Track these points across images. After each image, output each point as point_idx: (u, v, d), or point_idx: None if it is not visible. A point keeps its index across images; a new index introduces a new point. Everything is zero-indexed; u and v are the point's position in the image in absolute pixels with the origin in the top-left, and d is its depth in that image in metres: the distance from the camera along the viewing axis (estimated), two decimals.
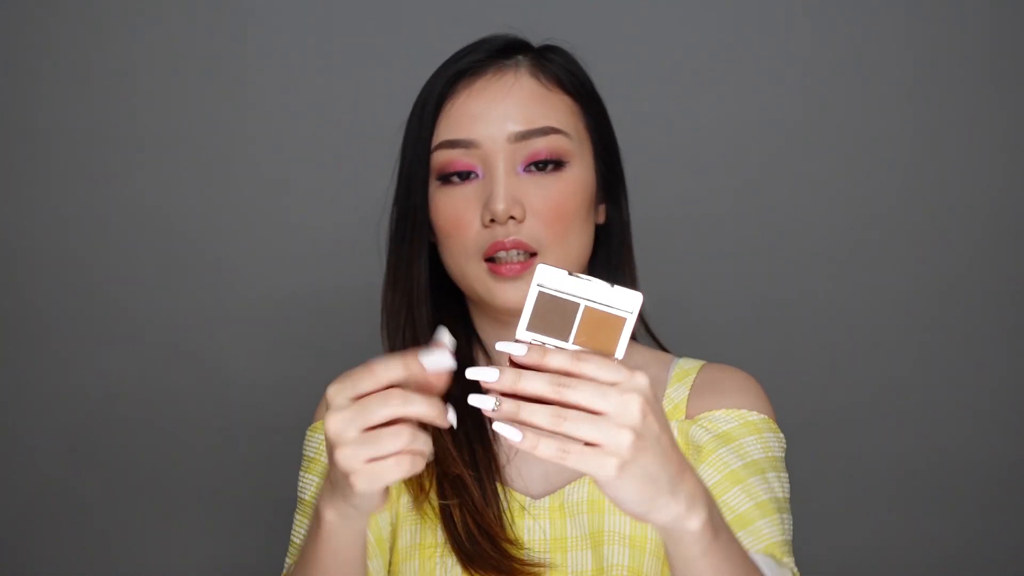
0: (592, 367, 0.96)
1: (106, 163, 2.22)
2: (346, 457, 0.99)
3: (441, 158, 1.32)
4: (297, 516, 1.39)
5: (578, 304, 0.99)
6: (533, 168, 1.30)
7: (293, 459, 1.48)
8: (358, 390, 0.99)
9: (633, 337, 1.43)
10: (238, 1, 2.21)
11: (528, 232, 1.29)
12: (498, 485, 1.34)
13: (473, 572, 1.30)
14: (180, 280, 2.23)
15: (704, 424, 1.36)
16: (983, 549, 2.25)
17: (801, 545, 1.38)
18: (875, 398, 2.24)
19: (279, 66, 2.21)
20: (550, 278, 0.99)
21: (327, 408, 1.00)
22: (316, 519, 1.10)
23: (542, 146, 1.30)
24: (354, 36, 2.20)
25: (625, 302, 0.99)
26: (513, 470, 1.36)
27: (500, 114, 1.30)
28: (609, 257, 1.41)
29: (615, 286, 1.00)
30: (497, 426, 0.97)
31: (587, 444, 0.96)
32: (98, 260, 2.23)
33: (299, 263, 2.22)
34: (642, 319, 1.44)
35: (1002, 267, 2.22)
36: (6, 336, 2.25)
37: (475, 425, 1.36)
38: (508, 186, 1.29)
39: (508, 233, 1.29)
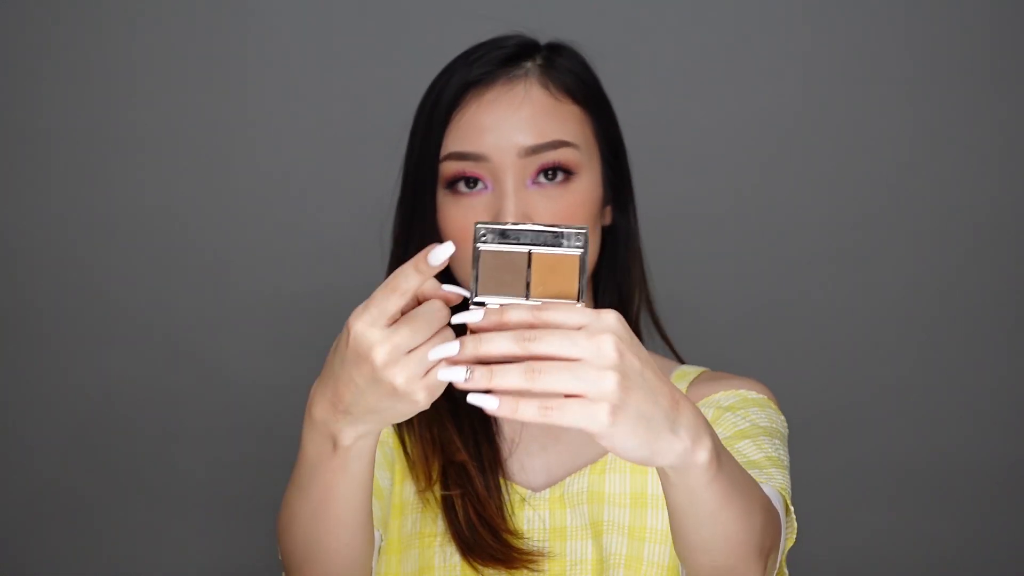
0: (554, 314, 0.92)
1: (106, 163, 2.22)
2: (407, 380, 0.95)
3: (450, 169, 1.31)
4: None
5: (525, 253, 0.95)
6: (542, 178, 1.30)
7: (293, 459, 1.48)
8: (390, 314, 0.96)
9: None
10: (238, 1, 2.20)
11: None
12: (500, 479, 1.35)
13: (472, 561, 1.31)
14: (180, 280, 2.23)
15: (705, 404, 1.37)
16: (983, 549, 2.25)
17: (801, 545, 1.38)
18: (875, 398, 2.23)
19: (279, 66, 2.21)
20: (490, 235, 0.95)
21: (356, 341, 0.97)
22: (326, 450, 1.05)
23: (552, 159, 1.30)
24: (354, 36, 2.20)
25: (572, 239, 0.96)
26: (515, 464, 1.37)
27: (510, 127, 1.30)
28: (616, 259, 1.41)
29: (558, 226, 0.96)
30: (472, 398, 0.93)
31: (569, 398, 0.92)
32: (98, 260, 2.23)
33: (299, 263, 2.22)
34: (656, 323, 1.44)
35: (1002, 267, 2.22)
36: (6, 336, 2.25)
37: (478, 420, 1.36)
38: (518, 202, 1.28)
39: None
